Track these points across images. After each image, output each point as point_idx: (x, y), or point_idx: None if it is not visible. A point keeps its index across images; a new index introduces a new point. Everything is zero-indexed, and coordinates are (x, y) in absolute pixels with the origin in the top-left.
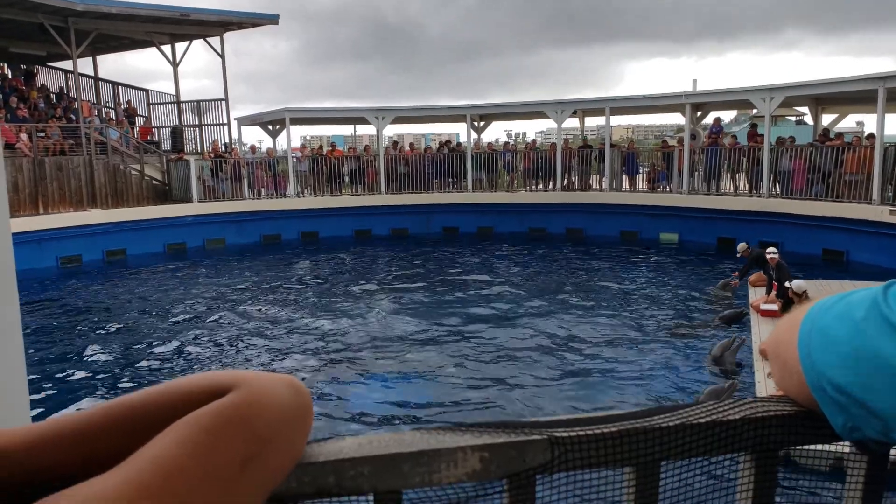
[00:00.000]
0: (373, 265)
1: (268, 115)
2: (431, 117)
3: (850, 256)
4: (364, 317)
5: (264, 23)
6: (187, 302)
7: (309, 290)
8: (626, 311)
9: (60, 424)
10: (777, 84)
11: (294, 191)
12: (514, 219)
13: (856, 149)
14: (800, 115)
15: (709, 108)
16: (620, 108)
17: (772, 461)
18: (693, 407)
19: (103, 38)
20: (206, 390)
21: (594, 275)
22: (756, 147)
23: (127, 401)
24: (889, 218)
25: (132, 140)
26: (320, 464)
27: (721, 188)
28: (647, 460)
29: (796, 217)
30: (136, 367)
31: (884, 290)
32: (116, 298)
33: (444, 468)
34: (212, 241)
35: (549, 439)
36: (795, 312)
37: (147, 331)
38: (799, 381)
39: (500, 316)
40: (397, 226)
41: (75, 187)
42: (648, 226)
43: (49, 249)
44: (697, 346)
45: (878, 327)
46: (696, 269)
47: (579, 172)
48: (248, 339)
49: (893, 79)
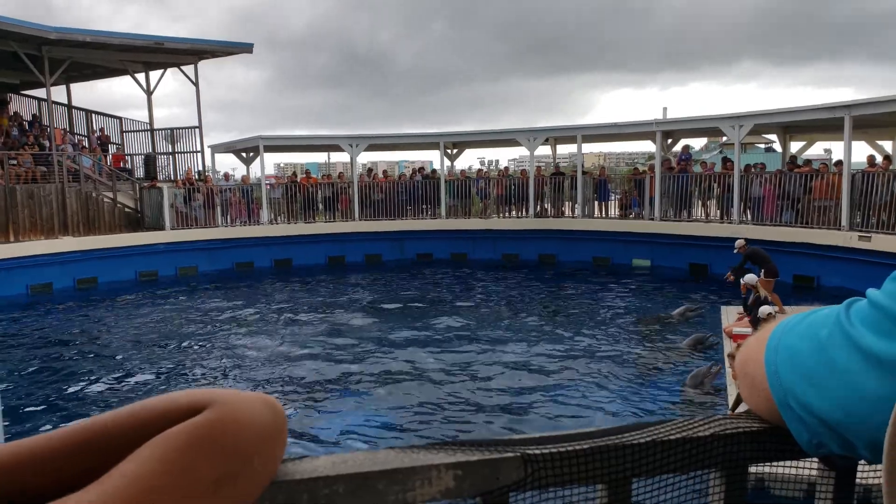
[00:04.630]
0: (346, 291)
1: (241, 142)
2: (405, 144)
3: (820, 281)
4: (337, 340)
5: (238, 51)
6: (159, 329)
7: (281, 315)
8: (596, 336)
9: (33, 444)
10: (746, 112)
11: (268, 218)
12: (488, 245)
13: (824, 175)
14: (769, 142)
15: (679, 136)
16: (592, 135)
17: (741, 477)
18: (663, 424)
19: (77, 67)
20: (181, 409)
21: (566, 300)
22: (726, 173)
23: (101, 420)
24: (858, 244)
25: (105, 167)
26: (294, 482)
27: (692, 214)
28: (619, 477)
29: (767, 243)
30: (105, 393)
31: (846, 308)
32: (86, 326)
33: (418, 486)
34: (184, 268)
35: (522, 457)
36: (762, 331)
37: (117, 357)
38: (766, 398)
39: (474, 338)
40: (371, 252)
41: (47, 215)
42: (621, 252)
43: (19, 277)
44: (664, 369)
45: (842, 344)
46: (666, 295)
47: (552, 199)
48: (220, 364)
49: (858, 107)
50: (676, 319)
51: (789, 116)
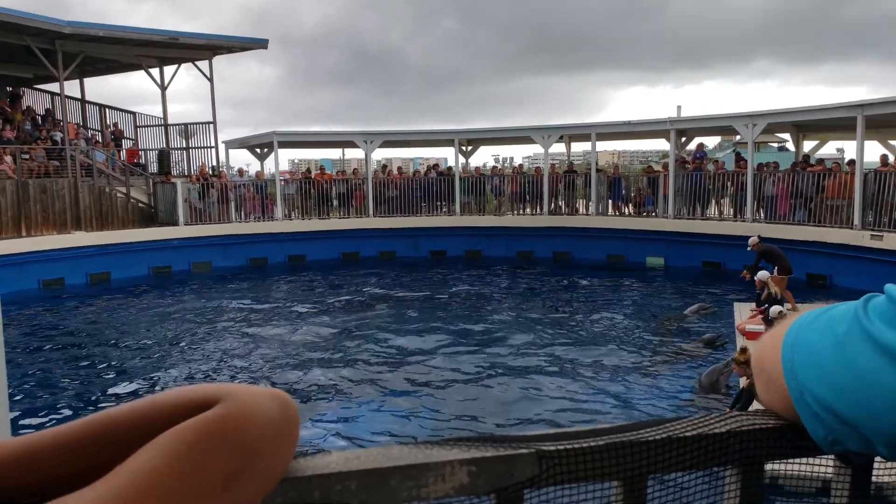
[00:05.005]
0: (360, 287)
1: (255, 138)
2: (420, 141)
3: (833, 280)
4: (350, 336)
5: (254, 47)
6: (171, 324)
7: (294, 311)
8: (611, 333)
9: (40, 439)
10: (759, 111)
11: (282, 214)
12: (502, 242)
13: (836, 174)
14: (782, 141)
15: (693, 134)
16: (606, 133)
17: (758, 474)
18: (679, 420)
19: (91, 61)
20: (192, 403)
21: (580, 298)
22: (739, 172)
23: (109, 415)
24: (870, 242)
25: (118, 162)
26: (306, 478)
27: (706, 213)
28: (635, 474)
29: (780, 241)
30: (116, 387)
31: (864, 304)
32: (97, 321)
33: (431, 482)
34: (198, 264)
35: (537, 453)
36: (779, 327)
37: (129, 353)
38: (782, 395)
39: (488, 335)
40: (385, 249)
41: (59, 209)
42: (635, 250)
43: (31, 272)
44: (679, 368)
45: (859, 341)
46: (681, 293)
47: (566, 197)
48: (232, 359)
49: (871, 106)
50: (690, 317)
51: (802, 116)
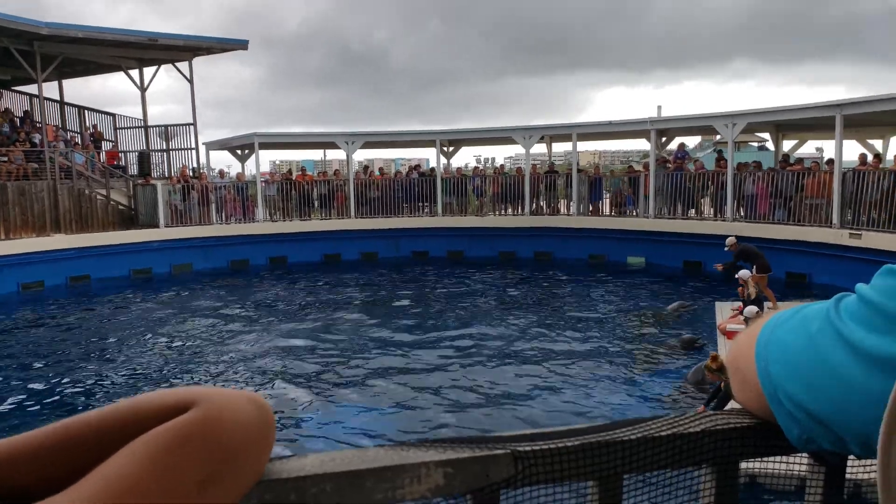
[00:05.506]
0: (341, 288)
1: (236, 139)
2: (401, 142)
3: (812, 279)
4: (330, 338)
5: (234, 48)
6: (151, 327)
7: (274, 313)
8: (591, 332)
9: (15, 443)
10: (739, 111)
11: (263, 215)
12: (484, 243)
13: (815, 174)
14: (762, 140)
15: (673, 134)
16: (587, 133)
17: (732, 473)
18: (654, 420)
19: (69, 63)
20: (167, 407)
21: (561, 297)
22: (720, 172)
23: (85, 418)
24: (849, 241)
25: (98, 164)
26: (282, 481)
27: (686, 212)
28: (610, 473)
29: (760, 241)
30: (94, 390)
31: (835, 304)
32: (78, 324)
33: (407, 484)
34: (178, 266)
35: (513, 454)
36: (753, 326)
37: (108, 355)
38: (757, 394)
39: (467, 336)
40: (367, 250)
41: (38, 212)
42: (616, 249)
43: (10, 275)
44: (657, 367)
45: (831, 340)
46: (662, 292)
47: (547, 197)
48: (211, 362)
49: (849, 106)
50: (670, 315)
51: (782, 115)
